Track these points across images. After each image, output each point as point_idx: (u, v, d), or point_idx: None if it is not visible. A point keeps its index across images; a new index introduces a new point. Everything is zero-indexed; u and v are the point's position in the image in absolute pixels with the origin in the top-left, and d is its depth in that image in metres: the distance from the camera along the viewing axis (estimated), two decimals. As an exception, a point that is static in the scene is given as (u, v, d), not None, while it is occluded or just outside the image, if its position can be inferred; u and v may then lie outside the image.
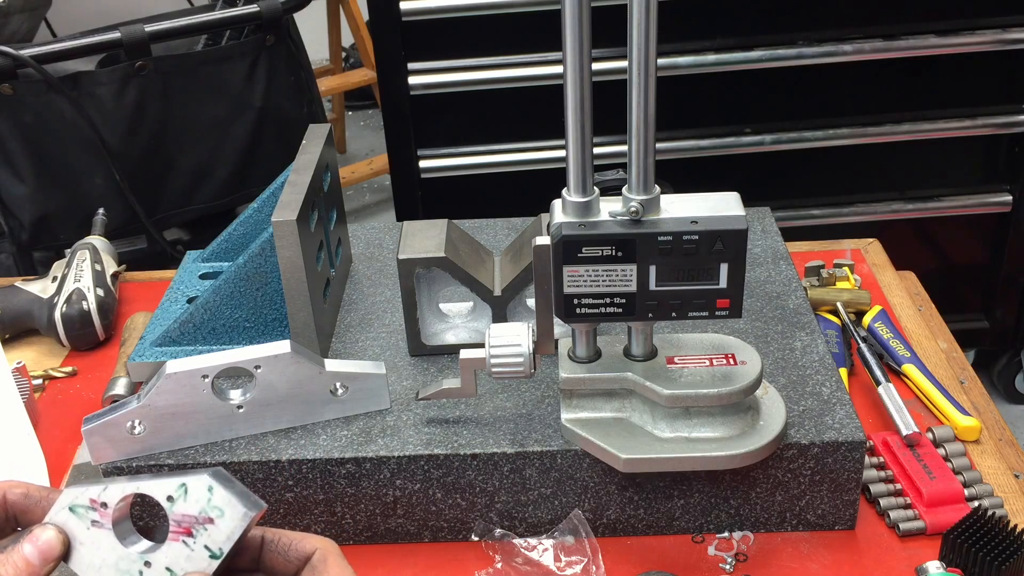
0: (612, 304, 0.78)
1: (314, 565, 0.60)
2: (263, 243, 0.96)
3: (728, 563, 0.84)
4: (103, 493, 0.62)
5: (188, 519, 0.61)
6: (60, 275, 1.18)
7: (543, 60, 1.80)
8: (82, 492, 0.62)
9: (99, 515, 0.62)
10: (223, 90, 2.01)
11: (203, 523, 0.61)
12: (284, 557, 0.61)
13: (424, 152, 1.89)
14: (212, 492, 0.61)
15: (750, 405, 0.83)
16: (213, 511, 0.60)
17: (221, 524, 0.60)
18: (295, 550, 0.61)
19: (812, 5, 1.82)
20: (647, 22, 0.71)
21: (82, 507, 0.62)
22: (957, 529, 0.81)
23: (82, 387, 1.10)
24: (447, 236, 0.94)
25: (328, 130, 1.06)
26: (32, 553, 0.59)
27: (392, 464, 0.84)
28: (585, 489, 0.85)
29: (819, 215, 1.99)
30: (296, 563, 0.61)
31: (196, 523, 0.61)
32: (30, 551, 0.59)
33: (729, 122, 1.90)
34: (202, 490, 0.61)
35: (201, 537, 0.61)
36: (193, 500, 0.61)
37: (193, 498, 0.61)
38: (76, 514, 0.62)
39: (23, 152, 1.85)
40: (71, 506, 0.62)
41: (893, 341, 1.05)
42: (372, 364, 0.88)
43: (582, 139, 0.75)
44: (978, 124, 1.89)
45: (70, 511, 0.62)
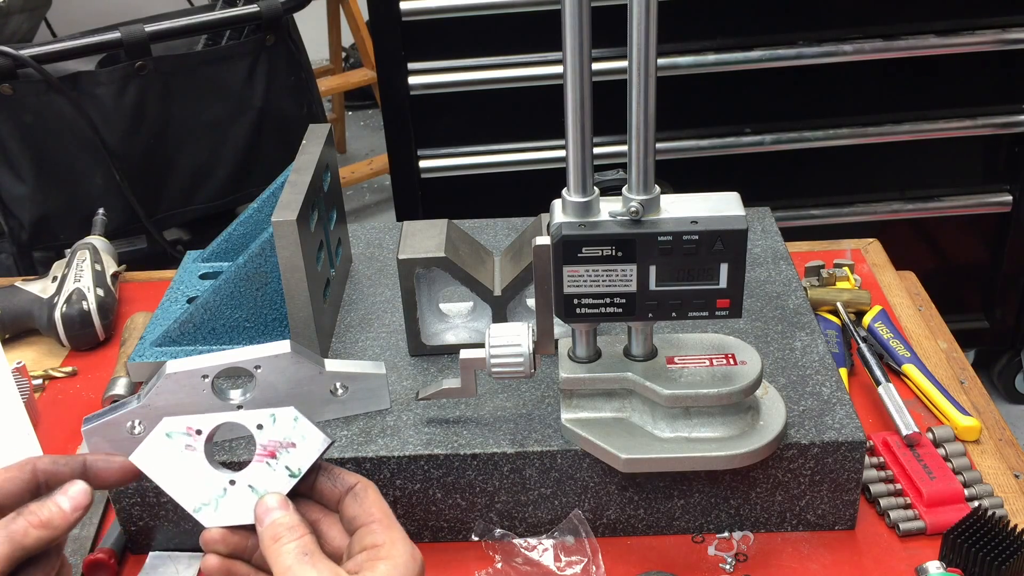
0: (612, 304, 0.78)
1: (356, 493, 0.69)
2: (263, 243, 0.96)
3: (728, 563, 0.84)
4: (199, 421, 0.70)
5: (273, 443, 0.69)
6: (60, 275, 1.18)
7: (543, 60, 1.80)
8: (179, 420, 0.70)
9: (192, 440, 0.70)
10: (223, 90, 2.01)
11: (287, 447, 0.69)
12: (333, 484, 0.70)
13: (424, 152, 1.89)
14: (297, 421, 0.69)
15: (750, 405, 0.83)
16: (296, 437, 0.69)
17: (303, 448, 0.69)
18: (342, 480, 0.70)
19: (812, 5, 1.82)
20: (647, 22, 0.71)
21: (178, 433, 0.70)
22: (957, 529, 0.81)
23: (82, 387, 1.10)
24: (447, 236, 0.94)
25: (328, 130, 1.06)
26: (65, 501, 0.66)
27: (392, 464, 0.84)
28: (585, 489, 0.85)
29: (819, 215, 1.99)
30: (341, 491, 0.69)
31: (280, 447, 0.69)
32: (62, 500, 0.66)
33: (729, 122, 1.90)
34: (289, 419, 0.69)
35: (283, 459, 0.69)
36: (280, 427, 0.69)
37: (280, 425, 0.69)
38: (171, 438, 0.69)
39: (23, 152, 1.85)
40: (168, 432, 0.69)
41: (893, 341, 1.05)
42: (372, 364, 0.88)
43: (582, 139, 0.75)
44: (978, 124, 1.89)
45: (167, 436, 0.69)
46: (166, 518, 0.86)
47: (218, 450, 0.85)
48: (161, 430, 0.70)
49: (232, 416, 0.70)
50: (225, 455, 0.84)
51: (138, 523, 0.87)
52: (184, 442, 0.70)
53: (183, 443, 0.70)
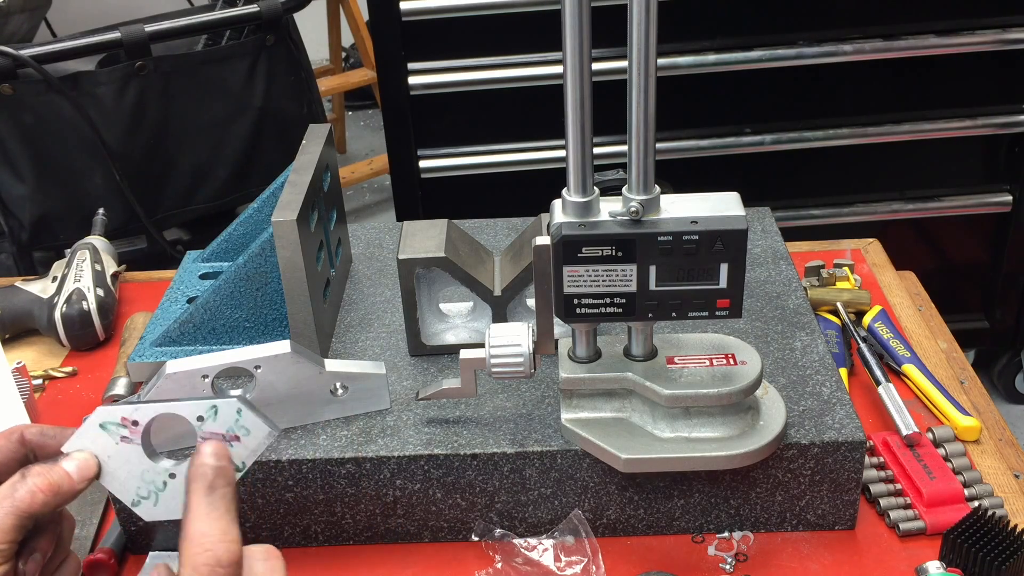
0: (612, 304, 0.78)
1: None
2: (263, 243, 0.96)
3: (728, 563, 0.84)
4: (135, 412, 0.67)
5: (215, 436, 0.67)
6: (60, 275, 1.18)
7: (543, 60, 1.80)
8: (114, 410, 0.67)
9: (129, 432, 0.67)
10: (223, 90, 2.01)
11: (230, 440, 0.67)
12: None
13: (424, 152, 1.89)
14: (240, 413, 0.67)
15: (750, 405, 0.83)
16: (240, 430, 0.67)
17: (247, 441, 0.67)
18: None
19: (812, 5, 1.82)
20: (647, 22, 0.71)
21: (113, 424, 0.67)
22: (957, 529, 0.81)
23: (82, 387, 1.10)
24: (447, 236, 0.94)
25: (328, 130, 1.06)
26: (72, 468, 0.65)
27: (392, 464, 0.84)
28: (585, 489, 0.85)
29: (819, 215, 1.99)
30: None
31: (224, 439, 0.67)
32: (70, 466, 0.65)
33: (729, 122, 1.90)
34: (231, 411, 0.67)
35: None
36: (222, 419, 0.67)
37: (222, 418, 0.67)
38: (106, 430, 0.67)
39: (23, 152, 1.85)
40: (102, 423, 0.67)
41: (893, 341, 1.05)
42: (372, 364, 0.88)
43: (582, 139, 0.75)
44: (978, 124, 1.89)
45: (100, 427, 0.67)
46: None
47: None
48: (94, 420, 0.67)
49: (171, 407, 0.67)
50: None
51: (138, 523, 0.87)
52: (120, 433, 0.67)
53: (119, 434, 0.67)
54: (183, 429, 0.83)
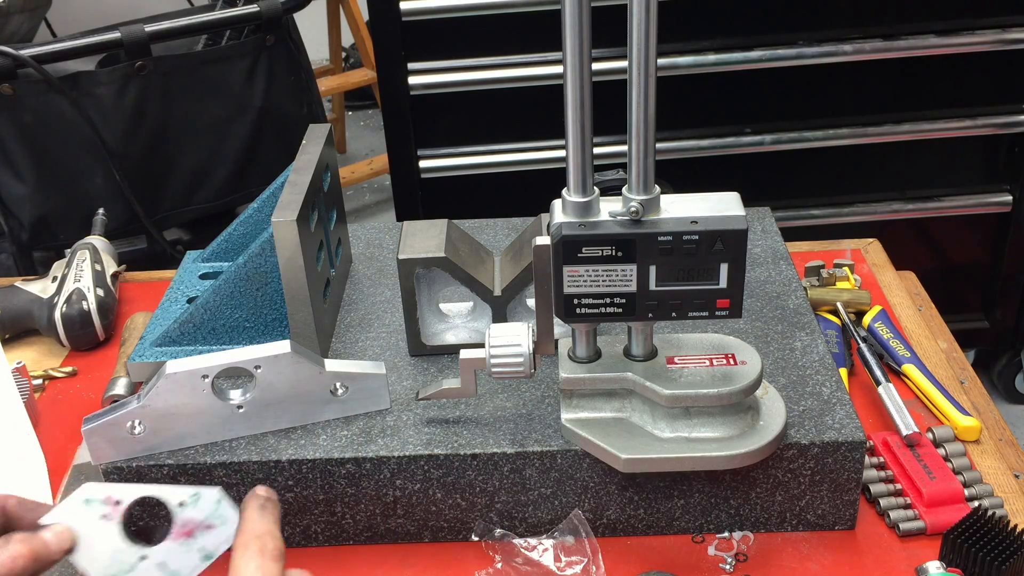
0: (612, 304, 0.78)
1: None
2: (263, 243, 0.96)
3: (728, 563, 0.84)
4: (120, 491, 0.68)
5: (192, 523, 0.68)
6: (60, 275, 1.18)
7: (543, 60, 1.80)
8: (100, 488, 0.68)
9: (110, 510, 0.68)
10: (223, 90, 2.01)
11: (205, 528, 0.68)
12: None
13: (424, 152, 1.89)
14: (219, 504, 0.68)
15: (750, 405, 0.83)
16: (216, 519, 0.68)
17: (220, 531, 0.68)
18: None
19: (812, 5, 1.82)
20: (647, 22, 0.71)
21: (97, 501, 0.68)
22: (957, 529, 0.81)
23: (82, 387, 1.10)
24: (447, 236, 0.94)
25: (328, 130, 1.06)
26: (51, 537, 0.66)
27: (392, 464, 0.84)
28: (585, 489, 0.85)
29: (819, 215, 1.99)
30: None
31: (199, 527, 0.68)
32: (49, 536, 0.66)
33: (729, 122, 1.90)
34: (211, 500, 0.68)
35: (199, 539, 0.68)
36: (202, 507, 0.68)
37: (202, 506, 0.68)
38: (89, 506, 0.67)
39: (23, 152, 1.85)
40: (87, 499, 0.67)
41: (893, 341, 1.05)
42: (372, 364, 0.88)
43: (582, 139, 0.75)
44: (978, 124, 1.89)
45: (85, 503, 0.67)
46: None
47: (218, 450, 0.85)
48: (80, 496, 0.68)
49: (155, 490, 0.68)
50: (225, 455, 0.84)
51: (138, 523, 0.87)
52: (101, 511, 0.68)
53: (100, 512, 0.68)
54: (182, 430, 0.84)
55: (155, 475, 0.84)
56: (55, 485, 0.95)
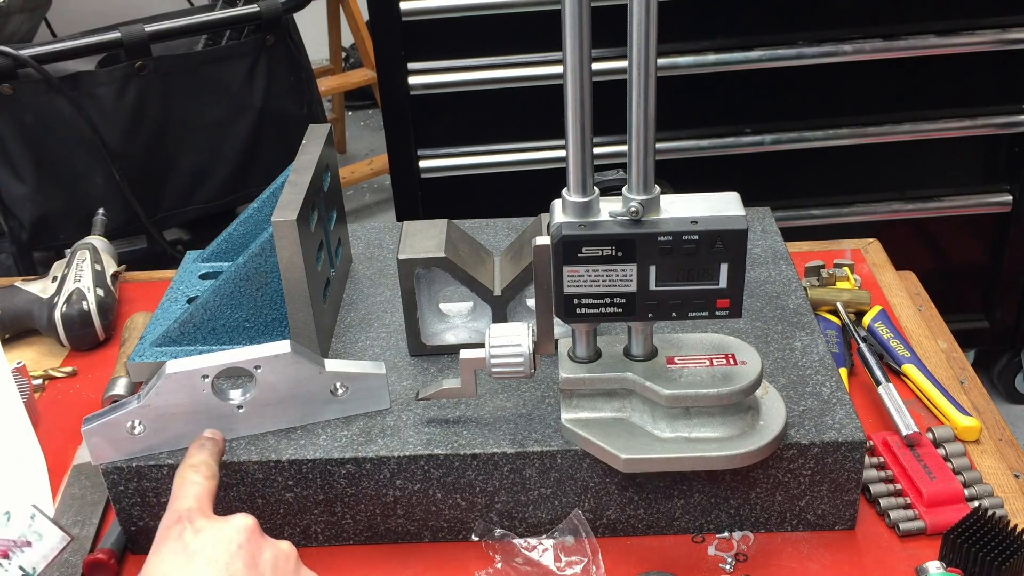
0: (612, 304, 0.78)
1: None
2: (263, 243, 0.96)
3: (728, 563, 0.84)
4: None
5: (6, 543, 0.66)
6: (60, 275, 1.18)
7: (543, 60, 1.80)
8: None
9: None
10: (223, 90, 2.01)
11: (20, 546, 0.66)
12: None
13: (424, 152, 1.89)
14: (34, 519, 0.66)
15: (750, 405, 0.83)
16: (32, 535, 0.66)
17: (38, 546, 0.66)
18: None
19: (812, 5, 1.81)
20: (647, 22, 0.71)
21: None
22: (957, 529, 0.81)
23: (82, 387, 1.10)
24: (447, 236, 0.94)
25: (328, 130, 1.06)
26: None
27: (392, 464, 0.84)
28: (585, 489, 0.85)
29: (819, 215, 1.99)
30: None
31: (14, 546, 0.66)
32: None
33: (729, 122, 1.90)
34: (24, 517, 0.66)
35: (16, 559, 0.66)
36: (15, 525, 0.65)
37: (15, 523, 0.65)
38: None
39: (23, 152, 1.85)
40: None
41: (893, 341, 1.05)
42: (372, 364, 0.88)
43: (582, 139, 0.75)
44: (978, 124, 1.89)
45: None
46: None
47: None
48: None
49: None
50: (225, 455, 0.84)
51: (138, 523, 0.87)
52: None
53: None
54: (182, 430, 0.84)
55: (155, 475, 0.84)
56: (55, 485, 0.95)
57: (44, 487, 0.95)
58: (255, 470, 0.84)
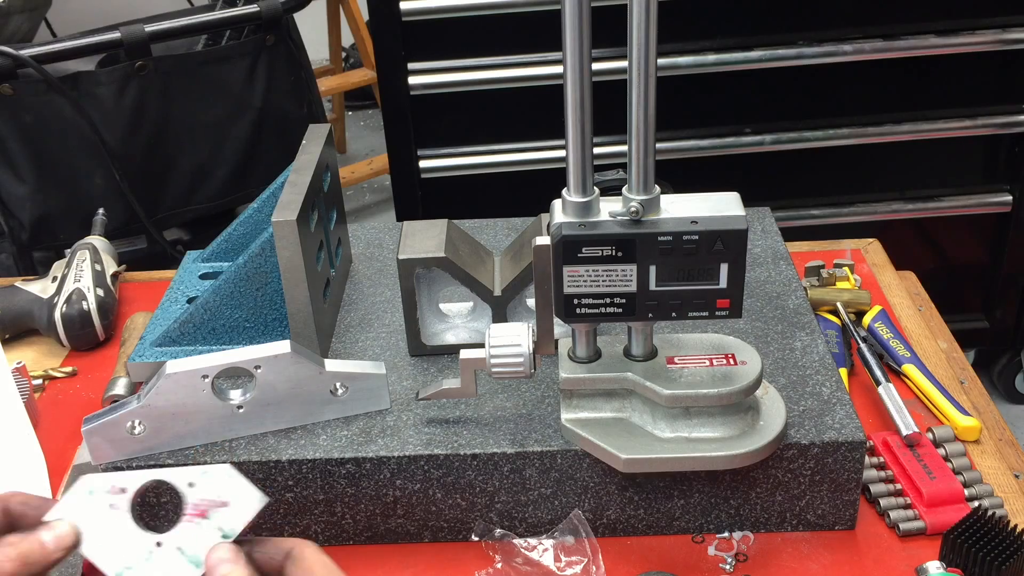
0: (612, 304, 0.78)
1: (294, 557, 0.65)
2: (263, 243, 0.96)
3: (728, 563, 0.84)
4: (123, 479, 0.66)
5: (205, 502, 0.65)
6: (60, 275, 1.18)
7: (543, 60, 1.80)
8: (102, 477, 0.66)
9: (116, 499, 0.65)
10: (223, 90, 2.01)
11: (219, 506, 0.65)
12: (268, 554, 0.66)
13: (424, 152, 1.89)
14: (231, 479, 0.66)
15: (750, 405, 0.83)
16: (230, 495, 0.65)
17: (236, 507, 0.65)
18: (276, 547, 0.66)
19: (812, 5, 1.81)
20: (647, 22, 0.71)
21: (101, 491, 0.65)
22: (957, 529, 0.81)
23: (82, 387, 1.10)
24: (447, 236, 0.94)
25: (328, 130, 1.06)
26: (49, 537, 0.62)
27: (392, 464, 0.84)
28: (585, 489, 0.85)
29: (819, 215, 1.99)
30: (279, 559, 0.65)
31: (212, 506, 0.65)
32: (47, 535, 0.62)
33: (729, 122, 1.90)
34: (222, 476, 0.66)
35: (215, 519, 0.65)
36: (212, 485, 0.65)
37: (212, 483, 0.66)
38: (93, 497, 0.65)
39: (23, 152, 1.85)
40: (91, 489, 0.65)
41: (893, 341, 1.05)
42: (372, 364, 0.88)
43: (582, 139, 0.75)
44: (978, 124, 1.89)
45: (88, 494, 0.65)
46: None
47: (218, 450, 0.85)
48: (83, 487, 0.65)
49: (161, 473, 0.66)
50: (225, 455, 0.84)
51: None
52: (108, 501, 0.65)
53: (106, 502, 0.65)
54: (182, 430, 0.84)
55: (155, 475, 0.84)
56: (55, 485, 0.95)
57: (44, 487, 0.95)
58: (255, 470, 0.84)
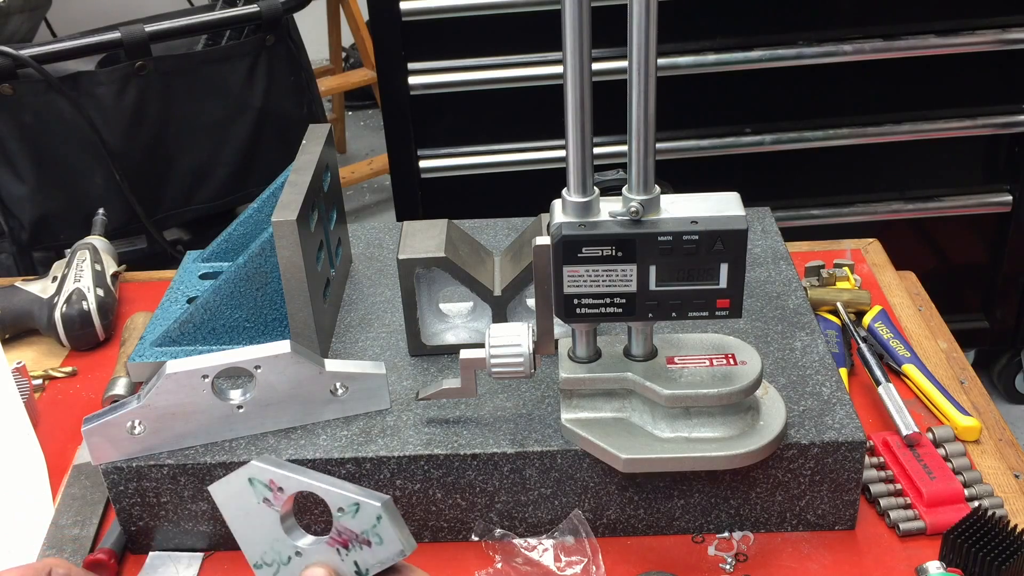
0: (612, 304, 0.78)
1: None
2: (263, 243, 0.96)
3: (728, 563, 0.84)
4: (285, 480, 0.67)
5: (349, 533, 0.66)
6: (60, 275, 1.18)
7: (543, 60, 1.80)
8: (266, 471, 0.66)
9: (273, 496, 0.67)
10: (223, 90, 2.01)
11: (361, 543, 0.66)
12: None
13: (424, 152, 1.89)
14: (380, 521, 0.65)
15: (750, 405, 0.83)
16: (374, 536, 0.66)
17: (377, 550, 0.66)
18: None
19: (812, 5, 1.81)
20: (647, 22, 0.71)
21: (261, 483, 0.67)
22: (957, 529, 0.81)
23: (82, 387, 1.10)
24: (447, 236, 0.94)
25: (328, 130, 1.06)
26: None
27: (392, 464, 0.84)
28: (585, 489, 0.85)
29: (819, 215, 1.99)
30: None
31: (355, 540, 0.66)
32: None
33: (729, 122, 1.90)
34: (371, 515, 0.65)
35: (354, 553, 0.66)
36: (360, 520, 0.66)
37: (361, 518, 0.66)
38: (254, 487, 0.67)
39: (23, 152, 1.85)
40: (251, 478, 0.67)
41: (893, 341, 1.05)
42: (372, 364, 0.88)
43: (582, 139, 0.75)
44: (978, 124, 1.89)
45: (249, 481, 0.67)
46: (166, 518, 0.86)
47: (218, 450, 0.85)
48: (246, 473, 0.67)
49: (319, 488, 0.67)
50: (225, 455, 0.84)
51: (138, 523, 0.87)
52: (264, 494, 0.67)
53: (263, 494, 0.67)
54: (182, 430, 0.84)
55: (155, 475, 0.84)
56: (55, 485, 0.95)
57: (44, 487, 0.95)
58: (255, 470, 0.84)
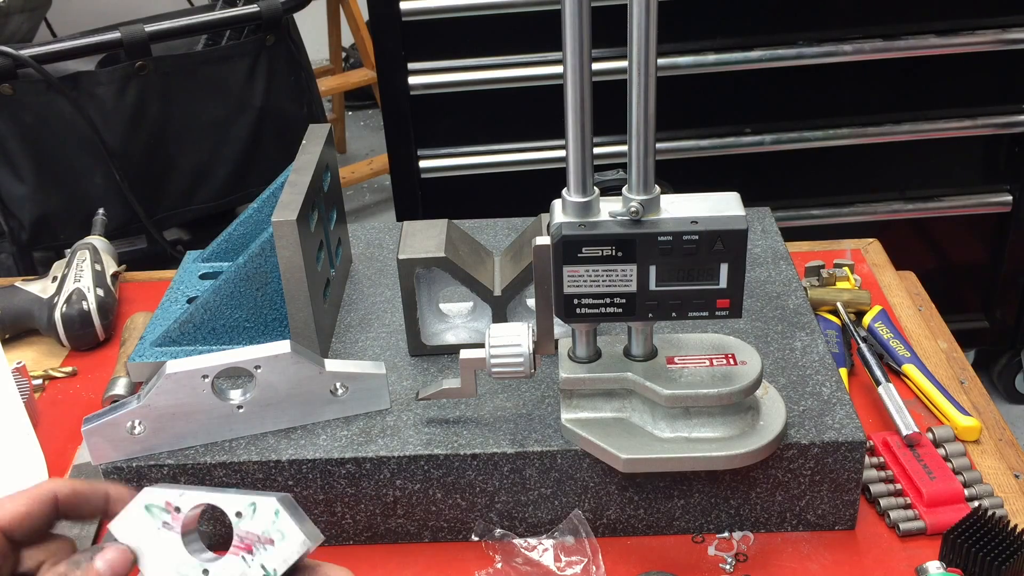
0: (612, 304, 0.78)
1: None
2: (263, 243, 0.96)
3: (728, 563, 0.84)
4: (179, 498, 0.65)
5: (251, 536, 0.65)
6: (60, 275, 1.18)
7: (543, 60, 1.80)
8: (159, 493, 0.66)
9: (171, 518, 0.65)
10: (223, 90, 2.01)
11: (264, 543, 0.64)
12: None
13: (424, 152, 1.89)
14: (278, 516, 0.64)
15: (750, 405, 0.83)
16: (275, 534, 0.64)
17: (280, 547, 0.64)
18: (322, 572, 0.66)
19: (812, 5, 1.82)
20: (647, 22, 0.71)
21: (157, 508, 0.65)
22: (957, 529, 0.81)
23: (82, 387, 1.10)
24: (447, 236, 0.94)
25: (328, 130, 1.06)
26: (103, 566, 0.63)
27: (392, 464, 0.84)
28: (585, 489, 0.85)
29: (819, 215, 1.99)
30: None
31: (258, 542, 0.64)
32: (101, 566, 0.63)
33: (729, 122, 1.90)
34: (269, 512, 0.64)
35: (260, 556, 0.64)
36: (259, 520, 0.64)
37: (260, 518, 0.64)
38: (151, 513, 0.65)
39: (23, 152, 1.85)
40: (147, 504, 0.65)
41: (893, 341, 1.05)
42: (372, 364, 0.88)
43: (582, 139, 0.75)
44: (978, 124, 1.89)
45: (145, 509, 0.65)
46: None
47: (218, 450, 0.85)
48: (142, 500, 0.66)
49: (213, 498, 0.66)
50: (225, 455, 0.84)
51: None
52: (162, 519, 0.66)
53: (161, 519, 0.66)
54: (182, 430, 0.84)
55: (155, 475, 0.84)
56: (55, 485, 0.95)
57: (44, 487, 0.95)
58: (255, 470, 0.84)
